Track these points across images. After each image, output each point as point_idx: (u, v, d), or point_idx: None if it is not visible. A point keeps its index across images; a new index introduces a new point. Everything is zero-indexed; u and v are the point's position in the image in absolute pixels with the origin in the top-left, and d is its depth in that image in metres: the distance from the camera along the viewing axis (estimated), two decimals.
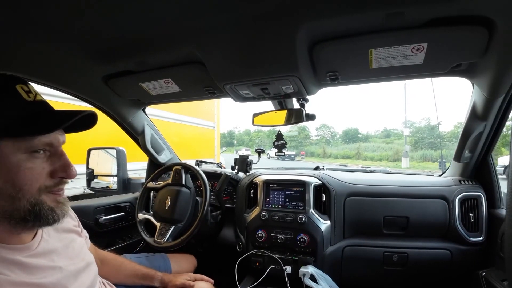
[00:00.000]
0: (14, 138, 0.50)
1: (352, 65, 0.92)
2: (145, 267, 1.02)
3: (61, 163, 0.56)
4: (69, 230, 0.72)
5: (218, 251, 1.55)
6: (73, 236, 0.73)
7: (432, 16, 0.70)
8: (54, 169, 0.55)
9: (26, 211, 0.52)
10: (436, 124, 21.93)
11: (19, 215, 0.52)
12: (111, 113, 1.41)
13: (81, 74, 1.07)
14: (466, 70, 0.96)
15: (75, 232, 0.75)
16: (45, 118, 0.55)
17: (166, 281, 1.00)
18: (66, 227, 0.71)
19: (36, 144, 0.52)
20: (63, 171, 0.56)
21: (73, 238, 0.72)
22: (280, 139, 1.45)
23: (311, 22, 0.72)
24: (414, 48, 0.80)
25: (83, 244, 0.76)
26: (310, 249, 1.24)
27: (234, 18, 0.72)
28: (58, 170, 0.56)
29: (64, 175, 0.56)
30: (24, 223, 0.53)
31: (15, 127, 0.51)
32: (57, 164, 0.56)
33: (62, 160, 0.56)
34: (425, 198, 1.24)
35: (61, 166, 0.56)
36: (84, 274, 0.67)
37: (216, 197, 1.52)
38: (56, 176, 0.56)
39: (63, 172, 0.56)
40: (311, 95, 1.12)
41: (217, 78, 1.00)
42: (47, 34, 0.77)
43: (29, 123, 0.52)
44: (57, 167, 0.56)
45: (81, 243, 0.74)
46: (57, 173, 0.56)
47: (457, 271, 1.20)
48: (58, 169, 0.56)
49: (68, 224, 0.73)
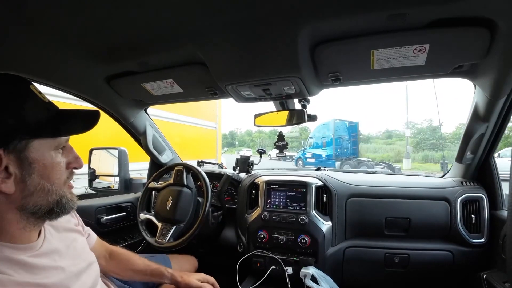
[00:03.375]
0: (46, 138, 0.56)
1: (354, 66, 0.92)
2: (155, 263, 1.01)
3: (73, 155, 0.62)
4: (70, 229, 0.73)
5: (219, 251, 1.55)
6: (75, 235, 0.73)
7: (434, 17, 0.70)
8: (69, 161, 0.62)
9: (55, 203, 0.58)
10: (438, 125, 21.87)
11: (48, 207, 0.57)
12: (113, 113, 1.42)
13: (83, 75, 1.08)
14: (468, 71, 0.95)
15: (76, 231, 0.75)
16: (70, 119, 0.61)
17: (176, 278, 0.97)
18: (67, 226, 0.72)
19: (61, 141, 0.59)
20: (75, 162, 0.63)
21: (75, 238, 0.72)
22: (281, 140, 1.45)
23: (313, 24, 0.72)
24: (416, 49, 0.79)
25: (85, 244, 0.76)
26: (311, 250, 1.24)
27: (237, 19, 0.72)
28: (72, 161, 0.62)
29: (76, 165, 0.63)
30: (49, 215, 0.58)
31: (48, 128, 0.56)
32: (70, 156, 0.62)
33: (72, 153, 0.63)
34: (426, 200, 1.24)
35: (73, 158, 0.62)
36: (85, 274, 0.68)
37: (218, 198, 1.52)
38: (70, 167, 0.62)
39: (76, 163, 0.63)
40: (313, 96, 1.11)
41: (219, 79, 1.00)
42: (49, 35, 0.78)
43: (58, 124, 0.57)
44: (70, 159, 0.62)
45: (82, 243, 0.75)
46: (71, 165, 0.62)
47: (459, 272, 1.19)
48: (72, 160, 0.62)
49: (69, 223, 0.74)
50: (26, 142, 0.52)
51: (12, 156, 0.51)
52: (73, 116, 0.62)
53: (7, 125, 0.51)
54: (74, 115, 0.62)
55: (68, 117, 0.61)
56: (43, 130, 0.55)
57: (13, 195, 0.52)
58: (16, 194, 0.53)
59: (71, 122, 0.60)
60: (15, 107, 0.53)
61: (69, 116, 0.61)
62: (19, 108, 0.53)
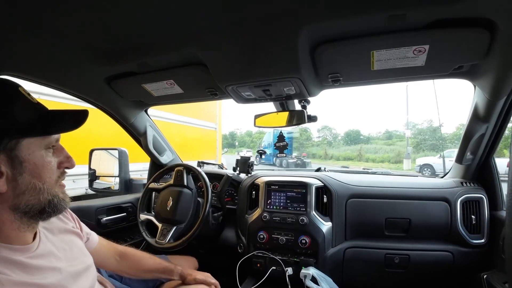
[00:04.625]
0: (36, 136, 0.56)
1: (354, 66, 0.92)
2: (165, 261, 1.04)
3: (64, 155, 0.63)
4: (67, 231, 0.73)
5: (219, 252, 1.55)
6: (72, 237, 0.73)
7: (434, 18, 0.70)
8: (60, 161, 0.62)
9: (46, 203, 0.58)
10: (438, 126, 21.86)
11: (40, 206, 0.58)
12: (114, 114, 1.42)
13: (84, 75, 1.08)
14: (468, 72, 0.96)
15: (73, 233, 0.75)
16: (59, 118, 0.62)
17: (185, 274, 1.01)
18: (63, 228, 0.72)
19: (51, 140, 0.60)
20: (67, 162, 0.63)
21: (72, 240, 0.72)
22: (281, 141, 1.46)
23: (313, 24, 0.72)
24: (415, 50, 0.80)
25: (83, 247, 0.76)
26: (311, 250, 1.24)
27: (236, 20, 0.72)
28: (63, 161, 0.63)
29: (68, 165, 0.63)
30: (40, 215, 0.58)
31: (38, 127, 0.57)
32: (61, 156, 0.63)
33: (64, 153, 0.63)
34: (427, 200, 1.24)
35: (65, 157, 0.63)
36: (83, 276, 0.68)
37: (218, 198, 1.53)
38: (61, 166, 0.62)
39: (67, 163, 0.63)
40: (313, 96, 1.12)
41: (219, 80, 1.00)
42: (50, 36, 0.78)
43: (47, 122, 0.58)
44: (62, 159, 0.63)
45: (80, 246, 0.75)
46: (63, 164, 0.63)
47: (459, 273, 1.19)
48: (63, 160, 0.63)
49: (66, 225, 0.74)
50: (16, 141, 0.54)
51: (3, 155, 0.52)
52: (62, 116, 0.63)
53: None
54: (63, 115, 0.63)
55: (57, 116, 0.62)
56: (33, 129, 0.56)
57: (5, 194, 0.53)
58: (8, 193, 0.54)
59: (60, 121, 0.62)
60: (4, 107, 0.54)
61: (57, 115, 0.62)
62: (9, 108, 0.54)
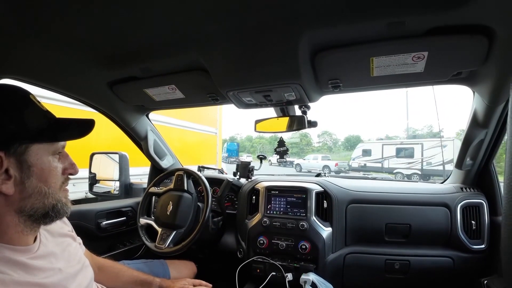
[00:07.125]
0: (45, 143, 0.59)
1: (354, 73, 0.93)
2: (143, 273, 1.04)
3: (69, 162, 0.66)
4: (64, 234, 0.76)
5: (219, 257, 1.55)
6: (69, 240, 0.76)
7: (433, 25, 0.71)
8: (65, 167, 0.64)
9: (50, 207, 0.60)
10: (438, 132, 21.87)
11: (44, 210, 0.59)
12: (115, 118, 1.43)
13: (86, 80, 1.09)
14: (466, 78, 0.97)
15: (70, 236, 0.78)
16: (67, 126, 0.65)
17: (164, 286, 1.00)
18: (61, 232, 0.75)
19: (58, 147, 0.62)
20: (71, 168, 0.66)
21: (69, 243, 0.75)
22: (282, 146, 1.46)
23: (313, 31, 0.74)
24: (414, 57, 0.81)
25: (78, 248, 0.79)
26: (311, 256, 1.23)
27: (238, 26, 0.73)
28: (68, 167, 0.65)
29: (72, 171, 0.66)
30: (44, 218, 0.60)
31: (47, 134, 0.59)
32: (66, 163, 0.65)
33: (68, 159, 0.66)
34: (427, 206, 1.24)
35: (69, 164, 0.65)
36: (81, 275, 0.71)
37: (218, 203, 1.52)
38: (66, 173, 0.65)
39: (71, 169, 0.66)
40: (313, 102, 1.13)
41: (220, 85, 1.01)
42: (53, 40, 0.79)
43: (56, 130, 0.61)
44: (66, 165, 0.65)
45: (76, 247, 0.78)
46: (67, 170, 0.65)
47: (459, 279, 1.19)
48: (68, 166, 0.65)
49: (63, 229, 0.77)
50: (25, 146, 0.56)
51: (12, 159, 0.54)
52: (70, 124, 0.65)
53: (8, 130, 0.54)
54: (71, 123, 0.65)
55: (65, 124, 0.64)
56: (42, 135, 0.58)
57: (12, 196, 0.55)
58: (15, 196, 0.55)
59: (68, 129, 0.64)
60: (16, 113, 0.56)
61: (66, 123, 0.64)
62: (20, 114, 0.56)
